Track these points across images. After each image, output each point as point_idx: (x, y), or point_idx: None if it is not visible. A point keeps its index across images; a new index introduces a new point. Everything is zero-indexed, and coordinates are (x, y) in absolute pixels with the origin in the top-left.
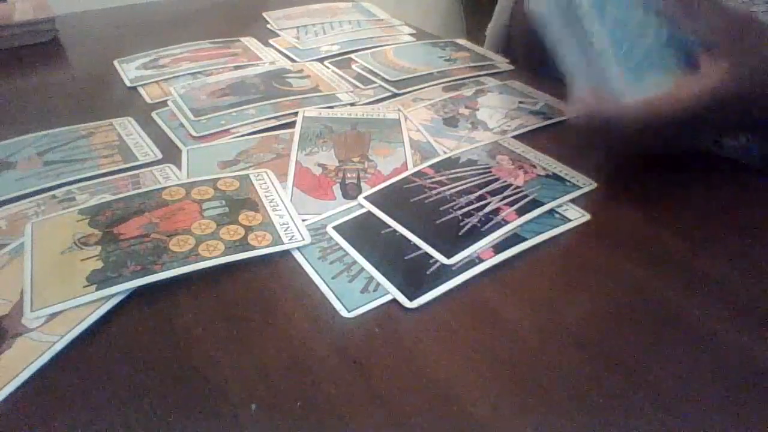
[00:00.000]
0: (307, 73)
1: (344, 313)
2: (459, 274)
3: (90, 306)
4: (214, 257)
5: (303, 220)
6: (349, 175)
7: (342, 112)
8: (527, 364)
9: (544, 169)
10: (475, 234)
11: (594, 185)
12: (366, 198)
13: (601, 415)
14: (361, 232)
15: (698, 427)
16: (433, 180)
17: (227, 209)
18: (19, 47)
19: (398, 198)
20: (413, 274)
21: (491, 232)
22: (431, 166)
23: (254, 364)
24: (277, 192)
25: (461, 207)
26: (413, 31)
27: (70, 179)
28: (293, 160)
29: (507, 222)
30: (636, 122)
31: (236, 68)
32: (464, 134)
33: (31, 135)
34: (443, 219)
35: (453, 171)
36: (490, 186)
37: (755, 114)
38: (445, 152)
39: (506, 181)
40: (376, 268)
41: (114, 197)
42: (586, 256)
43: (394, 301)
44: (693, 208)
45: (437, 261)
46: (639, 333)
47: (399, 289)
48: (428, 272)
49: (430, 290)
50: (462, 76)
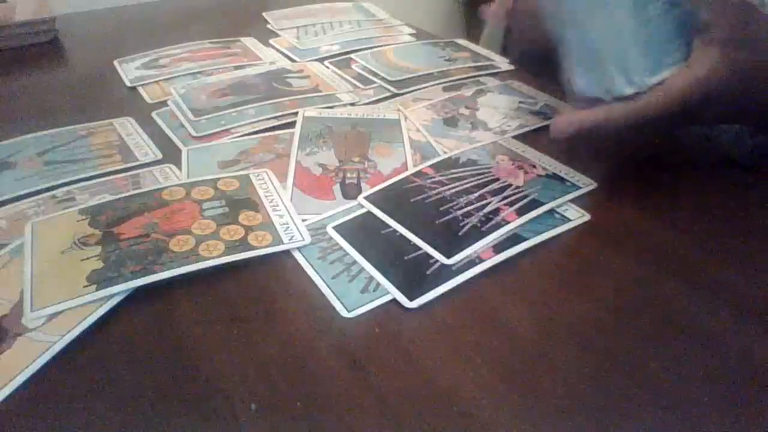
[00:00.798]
0: (307, 73)
1: (344, 313)
2: (459, 274)
3: (90, 306)
4: (214, 257)
5: (303, 220)
6: (349, 175)
7: (342, 112)
8: (527, 364)
9: (544, 169)
10: (475, 234)
11: (594, 185)
12: (366, 198)
13: (601, 415)
14: (361, 232)
15: (698, 427)
16: (433, 180)
17: (227, 209)
18: (19, 47)
19: (398, 198)
20: (413, 274)
21: (491, 232)
22: (431, 166)
23: (254, 364)
24: (277, 192)
25: (461, 207)
26: (413, 31)
27: (70, 179)
28: (293, 160)
29: (507, 222)
30: (625, 127)
31: (236, 68)
32: (464, 134)
33: (31, 135)
34: (443, 219)
35: (453, 171)
36: (490, 186)
37: (745, 106)
38: (445, 152)
39: (506, 181)
40: (376, 268)
41: (114, 197)
42: (586, 256)
43: (394, 301)
44: (693, 208)
45: (437, 261)
46: (639, 333)
47: (399, 289)
48: (428, 272)
49: (430, 290)
50: (462, 76)
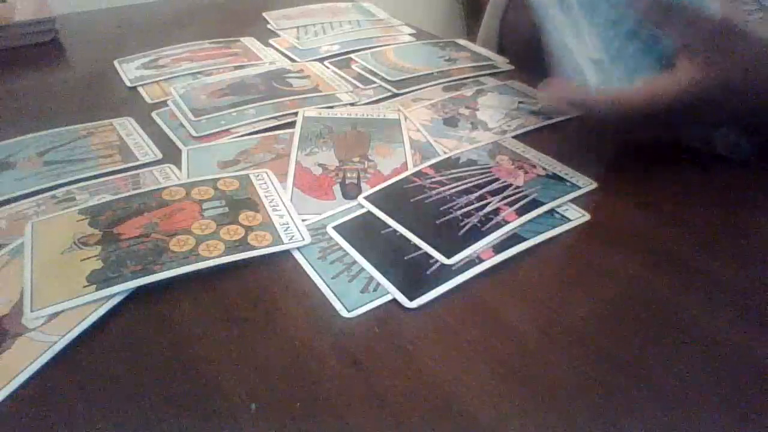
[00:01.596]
0: (307, 73)
1: (344, 313)
2: (459, 274)
3: (90, 306)
4: (214, 257)
5: (303, 220)
6: (349, 175)
7: (342, 112)
8: (527, 364)
9: (544, 169)
10: (475, 234)
11: (594, 185)
12: (366, 198)
13: (601, 415)
14: (361, 232)
15: (698, 427)
16: (433, 180)
17: (227, 209)
18: (19, 47)
19: (398, 198)
20: (413, 274)
21: (491, 232)
22: (431, 166)
23: (254, 364)
24: (277, 192)
25: (461, 207)
26: (413, 31)
27: (70, 179)
28: (293, 160)
29: (507, 222)
30: (606, 111)
31: (236, 68)
32: (464, 134)
33: (31, 135)
34: (443, 219)
35: (453, 171)
36: (490, 186)
37: (734, 113)
38: (445, 152)
39: (506, 181)
40: (376, 268)
41: (114, 197)
42: (586, 256)
43: (394, 301)
44: (693, 208)
45: (437, 261)
46: (639, 332)
47: (399, 289)
48: (428, 272)
49: (430, 290)
50: (462, 76)
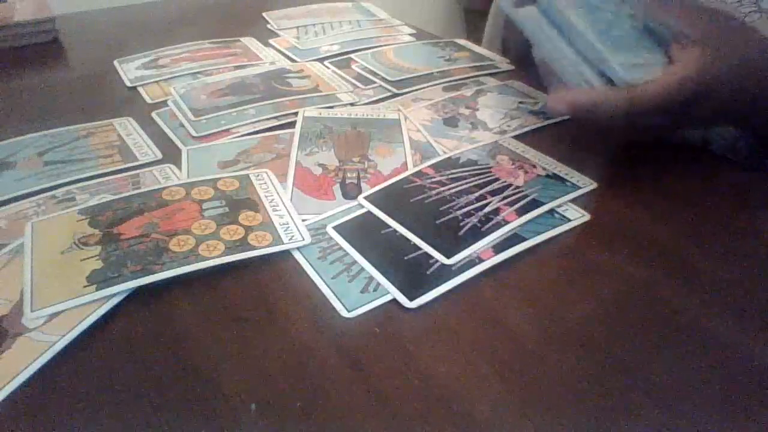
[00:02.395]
0: (307, 73)
1: (344, 313)
2: (459, 274)
3: (90, 306)
4: (214, 257)
5: (303, 220)
6: (349, 175)
7: (342, 112)
8: (527, 364)
9: (544, 169)
10: (475, 234)
11: (594, 185)
12: (366, 198)
13: (601, 415)
14: (361, 232)
15: (698, 427)
16: (433, 180)
17: (227, 209)
18: (19, 47)
19: (398, 198)
20: (413, 274)
21: (491, 232)
22: (431, 166)
23: (254, 364)
24: (277, 192)
25: (461, 207)
26: (413, 31)
27: (70, 179)
28: (293, 160)
29: (507, 222)
30: (620, 110)
31: (236, 68)
32: (464, 134)
33: (31, 135)
34: (443, 219)
35: (453, 171)
36: (490, 186)
37: (730, 109)
38: (445, 152)
39: (506, 181)
40: (376, 268)
41: (114, 197)
42: (586, 256)
43: (394, 301)
44: (694, 208)
45: (437, 261)
46: (639, 333)
47: (399, 289)
48: (428, 272)
49: (430, 290)
50: (462, 76)
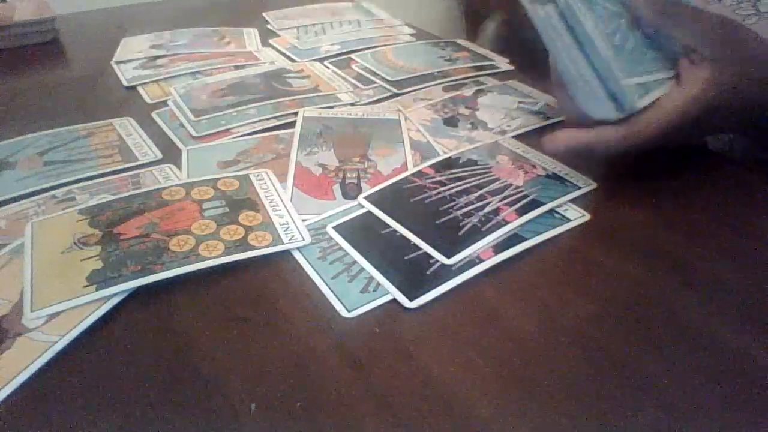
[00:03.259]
0: (307, 73)
1: (344, 313)
2: (459, 274)
3: (90, 306)
4: (214, 257)
5: (303, 220)
6: (349, 175)
7: (342, 112)
8: (527, 364)
9: (544, 169)
10: (475, 234)
11: (594, 185)
12: (366, 198)
13: (601, 415)
14: (361, 232)
15: (698, 427)
16: (433, 180)
17: (227, 209)
18: (19, 47)
19: (398, 198)
20: (413, 274)
21: (491, 232)
22: (431, 166)
23: (254, 364)
24: (277, 192)
25: (461, 207)
26: (413, 31)
27: (70, 179)
28: (293, 160)
29: (507, 222)
30: (620, 147)
31: (236, 68)
32: (464, 134)
33: (31, 135)
34: (443, 219)
35: (453, 171)
36: (490, 186)
37: (740, 117)
38: (445, 152)
39: (506, 181)
40: (376, 268)
41: (114, 197)
42: (586, 256)
43: (394, 301)
44: (693, 208)
45: (437, 261)
46: (639, 333)
47: (399, 289)
48: (428, 272)
49: (430, 290)
50: (462, 76)
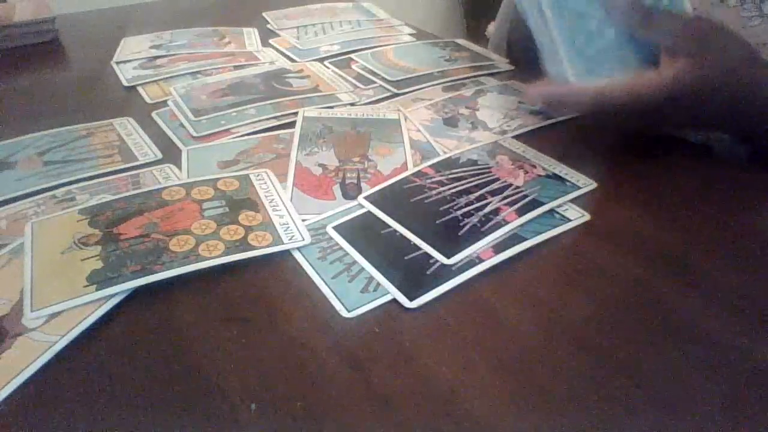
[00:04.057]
0: (307, 73)
1: (344, 313)
2: (459, 274)
3: (90, 306)
4: (214, 257)
5: (303, 220)
6: (349, 175)
7: (342, 112)
8: (527, 364)
9: (544, 169)
10: (475, 234)
11: (594, 185)
12: (366, 198)
13: (601, 415)
14: (361, 232)
15: (698, 427)
16: (433, 180)
17: (227, 209)
18: (19, 47)
19: (398, 198)
20: (413, 274)
21: (491, 232)
22: (431, 166)
23: (254, 364)
24: (277, 192)
25: (461, 207)
26: (413, 31)
27: (70, 179)
28: (293, 160)
29: (507, 222)
30: (589, 106)
31: (236, 68)
32: (464, 134)
33: (31, 135)
34: (443, 219)
35: (453, 171)
36: (490, 186)
37: (713, 115)
38: (445, 152)
39: (506, 181)
40: (376, 268)
41: (114, 197)
42: (586, 256)
43: (394, 301)
44: (693, 208)
45: (437, 261)
46: (639, 333)
47: (399, 289)
48: (428, 272)
49: (430, 290)
50: (462, 76)
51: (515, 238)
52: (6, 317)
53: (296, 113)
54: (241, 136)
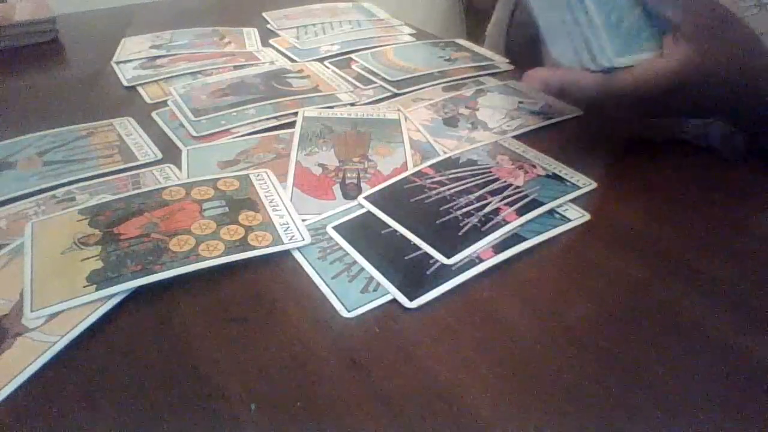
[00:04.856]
0: (307, 73)
1: (344, 313)
2: (459, 274)
3: (90, 306)
4: (214, 257)
5: (303, 220)
6: (349, 175)
7: (342, 112)
8: (527, 364)
9: (544, 169)
10: (475, 234)
11: (594, 185)
12: (366, 198)
13: (601, 415)
14: (361, 232)
15: (698, 427)
16: (433, 180)
17: (227, 209)
18: (19, 47)
19: (398, 198)
20: (413, 274)
21: (491, 232)
22: (431, 166)
23: (254, 364)
24: (277, 192)
25: (461, 207)
26: (413, 31)
27: (70, 179)
28: (293, 160)
29: (507, 222)
30: (592, 91)
31: (236, 68)
32: (464, 134)
33: (31, 135)
34: (443, 219)
35: (453, 171)
36: (490, 186)
37: (716, 101)
38: (445, 152)
39: (506, 181)
40: (376, 268)
41: (114, 197)
42: (586, 256)
43: (394, 301)
44: (693, 208)
45: (437, 261)
46: (639, 333)
47: (399, 289)
48: (428, 272)
49: (430, 290)
50: (462, 76)
51: (515, 238)
52: (6, 317)
53: (296, 113)
54: (241, 136)
